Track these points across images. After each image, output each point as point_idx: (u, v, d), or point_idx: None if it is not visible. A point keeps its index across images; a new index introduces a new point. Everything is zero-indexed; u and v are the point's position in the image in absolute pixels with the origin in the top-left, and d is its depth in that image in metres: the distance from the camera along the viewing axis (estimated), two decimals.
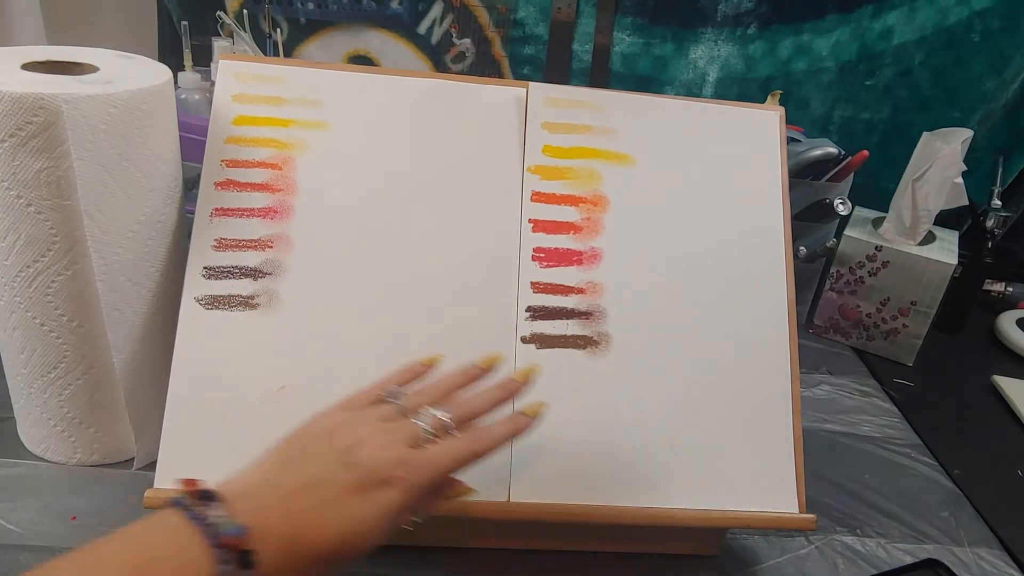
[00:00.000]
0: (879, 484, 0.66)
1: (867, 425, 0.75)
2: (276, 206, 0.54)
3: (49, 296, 0.50)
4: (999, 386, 0.84)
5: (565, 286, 0.55)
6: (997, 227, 0.91)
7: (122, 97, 0.47)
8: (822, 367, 0.85)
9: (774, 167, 0.60)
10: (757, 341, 0.56)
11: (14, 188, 0.47)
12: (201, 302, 0.51)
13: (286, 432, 0.50)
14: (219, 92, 0.56)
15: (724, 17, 1.00)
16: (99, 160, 0.47)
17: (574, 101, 0.59)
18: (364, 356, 0.52)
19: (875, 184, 0.98)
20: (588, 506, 0.50)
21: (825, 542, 0.59)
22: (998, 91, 0.98)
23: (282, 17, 1.05)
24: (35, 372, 0.53)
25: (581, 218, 0.56)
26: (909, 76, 1.00)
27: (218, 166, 0.54)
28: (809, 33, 1.00)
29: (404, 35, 1.06)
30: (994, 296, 1.00)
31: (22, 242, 0.48)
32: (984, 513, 0.64)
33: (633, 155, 0.59)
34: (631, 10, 1.01)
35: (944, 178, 0.80)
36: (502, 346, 0.53)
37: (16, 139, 0.45)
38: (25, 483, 0.55)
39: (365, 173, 0.56)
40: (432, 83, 0.58)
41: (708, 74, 1.04)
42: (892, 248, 0.84)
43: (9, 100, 0.44)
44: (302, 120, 0.56)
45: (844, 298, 0.88)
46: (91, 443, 0.56)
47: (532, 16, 1.03)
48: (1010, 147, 1.00)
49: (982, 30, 0.95)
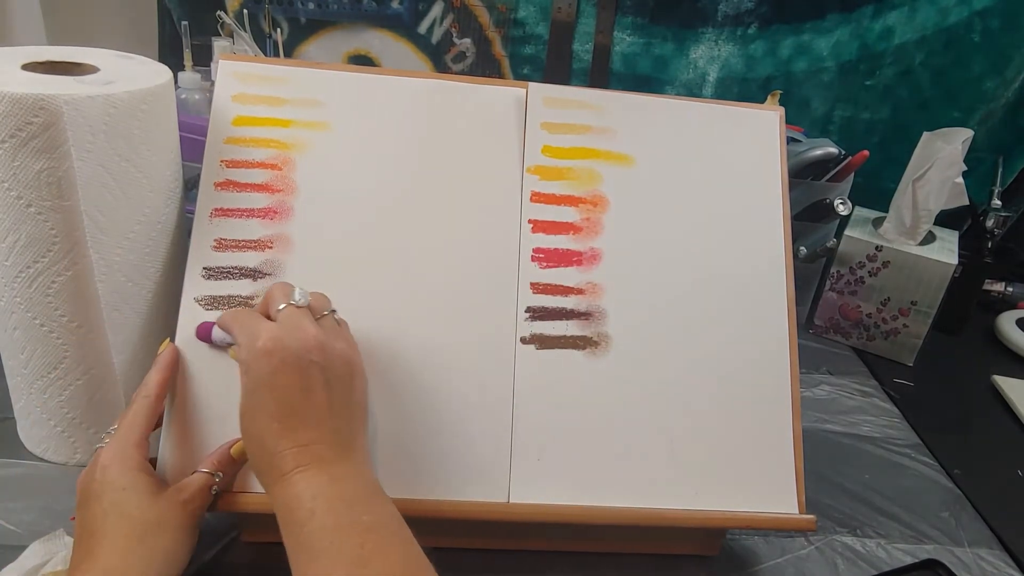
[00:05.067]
0: (879, 484, 0.66)
1: (867, 425, 0.75)
2: (276, 206, 0.54)
3: (49, 296, 0.50)
4: (999, 386, 0.84)
5: (565, 287, 0.55)
6: (997, 227, 0.91)
7: (122, 97, 0.47)
8: (822, 367, 0.85)
9: (774, 167, 0.60)
10: (757, 341, 0.56)
11: (14, 189, 0.47)
12: (201, 302, 0.51)
13: None
14: (219, 92, 0.56)
15: (724, 17, 1.00)
16: (99, 160, 0.47)
17: (574, 101, 0.59)
18: (363, 355, 0.52)
19: (875, 184, 0.98)
20: (588, 506, 0.51)
21: (825, 542, 0.59)
22: (998, 91, 0.98)
23: (282, 17, 1.05)
24: (35, 372, 0.53)
25: (581, 218, 0.56)
26: (909, 76, 1.00)
27: (218, 166, 0.54)
28: (809, 33, 1.00)
29: (404, 35, 1.06)
30: (994, 296, 1.00)
31: (22, 243, 0.48)
32: (984, 513, 0.64)
33: (633, 155, 0.58)
34: (631, 10, 1.01)
35: (944, 178, 0.80)
36: (502, 346, 0.53)
37: (16, 140, 0.45)
38: (25, 483, 0.55)
39: (365, 173, 0.56)
40: (432, 83, 0.58)
41: (708, 74, 1.04)
42: (892, 248, 0.84)
43: (9, 101, 0.44)
44: (302, 120, 0.56)
45: (844, 298, 0.88)
46: (91, 443, 0.56)
47: (532, 16, 1.03)
48: (1010, 147, 1.00)
49: (982, 30, 0.95)
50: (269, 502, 0.42)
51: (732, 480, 0.53)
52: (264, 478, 0.43)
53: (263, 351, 0.43)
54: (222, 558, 0.50)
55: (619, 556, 0.55)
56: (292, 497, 0.40)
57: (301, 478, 0.40)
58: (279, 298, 0.46)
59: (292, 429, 0.42)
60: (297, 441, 0.41)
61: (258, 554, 0.51)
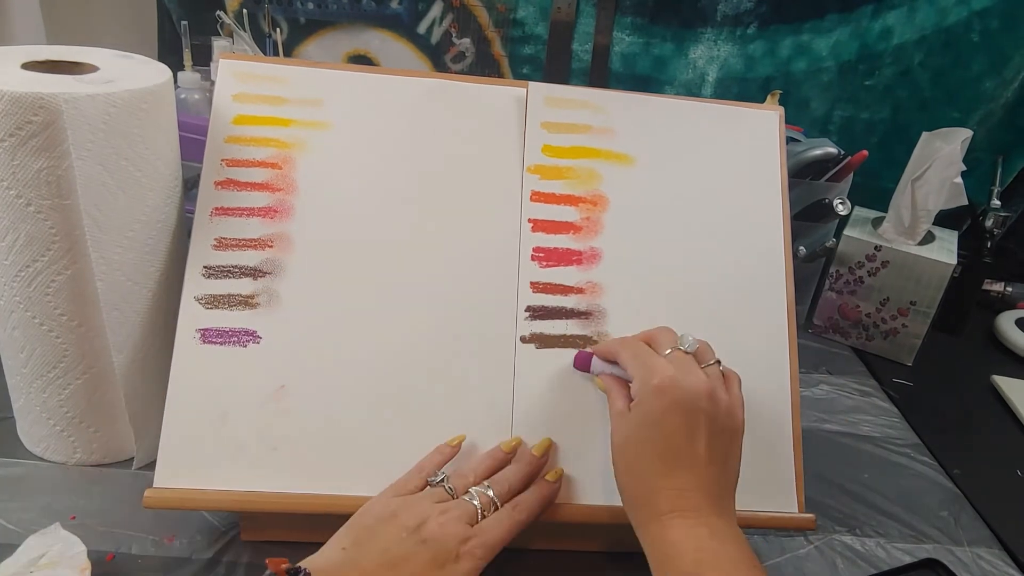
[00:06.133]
0: (879, 484, 0.66)
1: (867, 425, 0.75)
2: (276, 205, 0.54)
3: (49, 295, 0.50)
4: (998, 386, 0.84)
5: (565, 286, 0.55)
6: (996, 227, 0.91)
7: (122, 97, 0.47)
8: (822, 367, 0.85)
9: (774, 167, 0.60)
10: (757, 341, 0.56)
11: (14, 187, 0.47)
12: (201, 301, 0.51)
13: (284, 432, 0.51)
14: (219, 91, 0.56)
15: (724, 17, 1.00)
16: (99, 160, 0.47)
17: (574, 101, 0.59)
18: (364, 355, 0.52)
19: (875, 184, 0.98)
20: (588, 506, 0.51)
21: (824, 542, 0.59)
22: (998, 91, 0.98)
23: (282, 17, 1.04)
24: (35, 371, 0.53)
25: (581, 218, 0.57)
26: (909, 76, 1.00)
27: (218, 165, 0.54)
28: (809, 33, 1.00)
29: (404, 35, 1.06)
30: (994, 296, 1.00)
31: (22, 241, 0.48)
32: (983, 513, 0.64)
33: (633, 155, 0.59)
34: (631, 10, 1.01)
35: (944, 178, 0.80)
36: (502, 345, 0.53)
37: (16, 138, 0.45)
38: (25, 483, 0.55)
39: (365, 173, 0.56)
40: (432, 83, 0.58)
41: (708, 74, 1.04)
42: (892, 248, 0.84)
43: (9, 99, 0.44)
44: (302, 120, 0.56)
45: (844, 298, 0.88)
46: (91, 443, 0.56)
47: (532, 16, 1.03)
48: (1010, 147, 1.00)
49: (982, 30, 0.95)
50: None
51: None
52: (637, 513, 0.44)
53: (657, 388, 0.44)
54: (222, 557, 0.50)
55: (620, 555, 0.55)
56: (670, 543, 0.41)
57: (679, 524, 0.41)
58: (667, 341, 0.48)
59: (672, 470, 0.43)
60: (676, 484, 0.43)
61: (257, 553, 0.51)
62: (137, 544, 0.50)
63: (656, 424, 0.44)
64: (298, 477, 0.49)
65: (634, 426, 0.45)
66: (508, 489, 0.47)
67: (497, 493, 0.47)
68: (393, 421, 0.51)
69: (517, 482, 0.48)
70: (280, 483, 0.49)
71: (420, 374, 0.52)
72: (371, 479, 0.48)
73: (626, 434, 0.45)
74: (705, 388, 0.44)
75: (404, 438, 0.51)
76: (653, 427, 0.44)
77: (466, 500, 0.46)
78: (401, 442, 0.50)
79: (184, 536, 0.51)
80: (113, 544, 0.50)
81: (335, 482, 0.49)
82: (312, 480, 0.49)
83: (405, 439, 0.50)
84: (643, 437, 0.44)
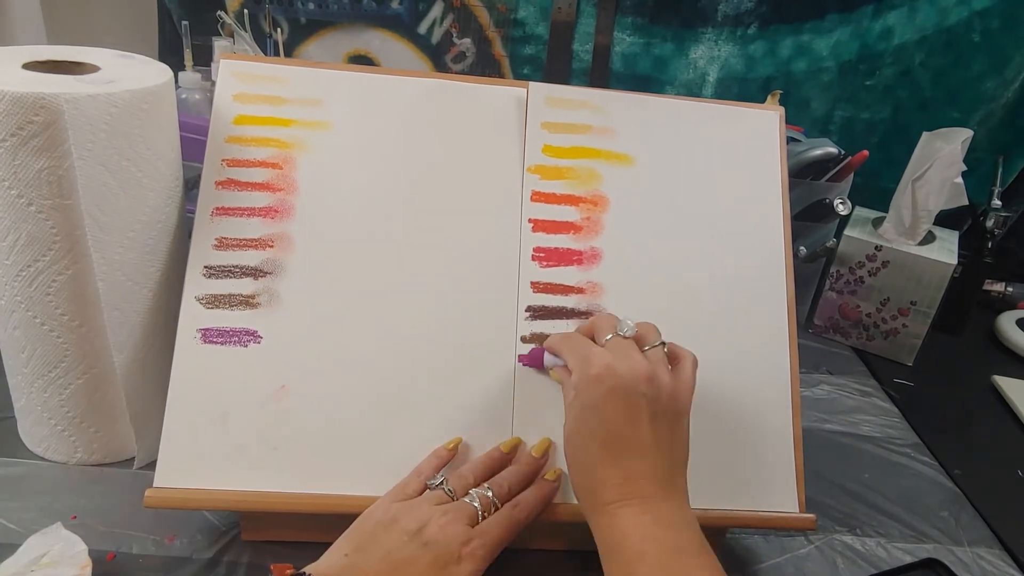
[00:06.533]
0: (879, 484, 0.66)
1: (867, 425, 0.75)
2: (277, 205, 0.54)
3: (50, 295, 0.50)
4: (999, 386, 0.84)
5: (565, 286, 0.55)
6: (997, 227, 0.91)
7: (123, 97, 0.47)
8: (822, 367, 0.85)
9: (774, 167, 0.60)
10: (757, 341, 0.56)
11: (15, 187, 0.47)
12: (202, 301, 0.51)
13: (285, 431, 0.51)
14: (220, 91, 0.56)
15: (724, 17, 1.00)
16: (100, 160, 0.47)
17: (574, 101, 0.59)
18: (364, 355, 0.52)
19: (875, 184, 0.98)
20: None
21: (825, 542, 0.59)
22: (998, 91, 0.98)
23: (282, 17, 1.05)
24: (36, 371, 0.53)
25: (581, 218, 0.57)
26: (909, 76, 1.00)
27: (219, 165, 0.54)
28: (809, 33, 1.00)
29: (404, 35, 1.06)
30: (994, 296, 1.00)
31: (23, 241, 0.48)
32: (984, 513, 0.64)
33: (633, 155, 0.59)
34: (631, 10, 1.01)
35: (944, 178, 0.80)
36: (503, 345, 0.53)
37: (17, 138, 0.45)
38: (26, 482, 0.55)
39: (366, 173, 0.56)
40: (432, 83, 0.58)
41: (708, 74, 1.04)
42: (892, 248, 0.84)
43: (10, 99, 0.44)
44: (303, 120, 0.56)
45: (844, 298, 0.88)
46: (91, 442, 0.56)
47: (532, 16, 1.03)
48: (1010, 147, 1.00)
49: (982, 30, 0.95)
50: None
51: (732, 479, 0.53)
52: (584, 503, 0.44)
53: (594, 378, 0.44)
54: (222, 556, 0.50)
55: None
56: (617, 532, 0.41)
57: (626, 513, 0.41)
58: (606, 328, 0.47)
59: (616, 458, 0.43)
60: (621, 471, 0.43)
61: (258, 552, 0.51)
62: (138, 544, 0.50)
63: (596, 413, 0.43)
64: (299, 477, 0.49)
65: (576, 418, 0.45)
66: (508, 490, 0.47)
67: (497, 494, 0.47)
68: (393, 421, 0.51)
69: (516, 483, 0.48)
70: (281, 483, 0.49)
71: (420, 374, 0.52)
72: (371, 479, 0.49)
73: (570, 426, 0.45)
74: (644, 372, 0.44)
75: (404, 438, 0.51)
76: (593, 416, 0.44)
77: (466, 502, 0.46)
78: (401, 442, 0.50)
79: (185, 536, 0.51)
80: (114, 544, 0.50)
81: (336, 482, 0.49)
82: (313, 480, 0.49)
83: (405, 439, 0.50)
84: (585, 428, 0.44)
